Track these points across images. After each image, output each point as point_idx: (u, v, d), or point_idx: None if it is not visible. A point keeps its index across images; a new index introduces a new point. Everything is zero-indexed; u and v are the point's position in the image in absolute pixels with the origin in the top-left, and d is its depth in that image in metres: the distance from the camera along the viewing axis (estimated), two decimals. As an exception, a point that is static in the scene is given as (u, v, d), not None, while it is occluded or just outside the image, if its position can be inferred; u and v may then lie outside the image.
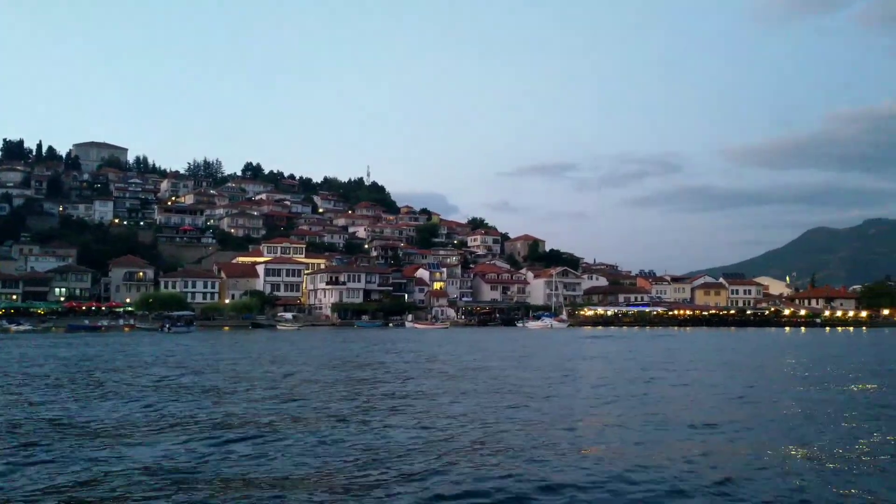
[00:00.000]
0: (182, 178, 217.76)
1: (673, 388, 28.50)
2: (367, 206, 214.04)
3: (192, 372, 34.33)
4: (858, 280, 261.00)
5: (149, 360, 43.40)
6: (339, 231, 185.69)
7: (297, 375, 32.37)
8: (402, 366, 38.48)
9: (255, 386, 27.93)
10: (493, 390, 26.52)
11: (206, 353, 50.32)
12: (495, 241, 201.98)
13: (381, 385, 28.37)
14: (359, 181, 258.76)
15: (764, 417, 20.26)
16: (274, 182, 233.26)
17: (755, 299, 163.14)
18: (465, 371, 35.20)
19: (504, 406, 21.96)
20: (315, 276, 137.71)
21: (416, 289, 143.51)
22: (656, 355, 50.21)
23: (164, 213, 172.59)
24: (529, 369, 36.79)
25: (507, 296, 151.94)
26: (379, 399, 23.76)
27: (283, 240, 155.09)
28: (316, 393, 25.54)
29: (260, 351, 53.14)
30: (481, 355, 47.99)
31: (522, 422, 18.92)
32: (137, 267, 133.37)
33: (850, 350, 61.65)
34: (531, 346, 61.67)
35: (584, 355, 50.36)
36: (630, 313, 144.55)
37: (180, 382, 29.28)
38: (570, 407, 22.38)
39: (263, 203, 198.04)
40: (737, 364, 42.11)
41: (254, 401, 23.25)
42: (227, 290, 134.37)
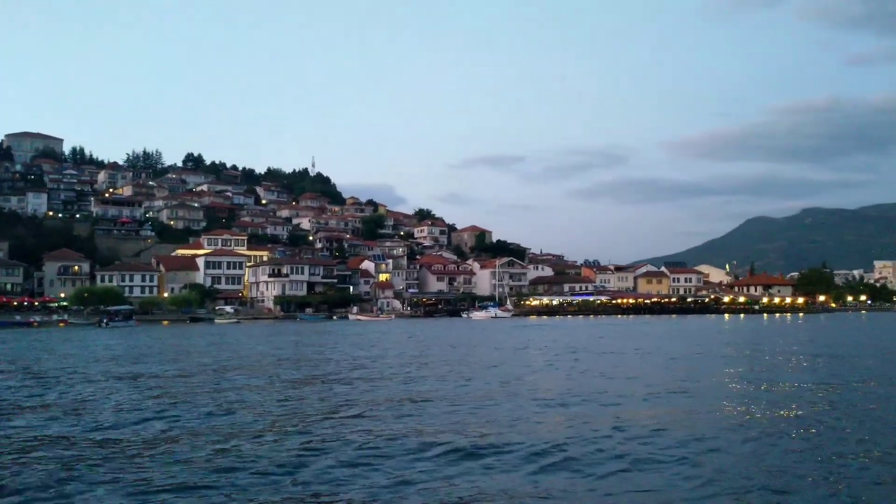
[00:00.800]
0: (120, 169, 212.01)
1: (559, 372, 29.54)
2: (312, 198, 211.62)
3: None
4: (796, 268, 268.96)
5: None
6: (282, 223, 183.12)
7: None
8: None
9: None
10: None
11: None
12: (442, 232, 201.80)
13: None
14: (303, 172, 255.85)
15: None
16: (216, 173, 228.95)
17: (696, 287, 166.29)
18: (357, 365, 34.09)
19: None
20: (257, 268, 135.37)
21: (362, 280, 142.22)
22: (575, 342, 50.88)
23: (102, 206, 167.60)
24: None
25: (453, 287, 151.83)
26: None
27: (225, 232, 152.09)
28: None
29: (160, 347, 51.27)
30: (396, 350, 46.20)
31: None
32: (72, 261, 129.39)
33: (768, 335, 62.92)
34: (462, 337, 61.28)
35: (515, 345, 50.05)
36: (575, 303, 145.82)
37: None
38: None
39: (204, 194, 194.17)
40: (645, 349, 43.16)
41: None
42: (166, 284, 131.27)
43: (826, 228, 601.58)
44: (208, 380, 27.31)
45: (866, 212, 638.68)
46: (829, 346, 46.09)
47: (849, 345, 47.32)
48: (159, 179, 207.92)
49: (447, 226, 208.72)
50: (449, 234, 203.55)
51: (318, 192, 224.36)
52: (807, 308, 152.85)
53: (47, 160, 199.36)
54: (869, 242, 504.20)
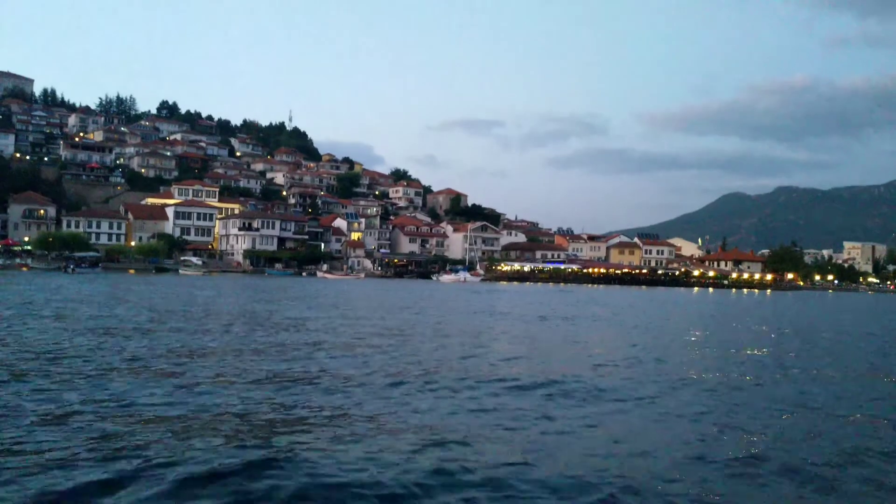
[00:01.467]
0: (92, 113, 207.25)
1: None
2: (288, 152, 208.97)
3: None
4: (768, 245, 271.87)
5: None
6: (256, 176, 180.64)
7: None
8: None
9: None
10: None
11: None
12: (417, 193, 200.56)
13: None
14: (280, 126, 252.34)
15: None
16: (190, 122, 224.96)
17: (667, 260, 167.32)
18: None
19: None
20: (228, 220, 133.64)
21: (334, 238, 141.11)
22: (532, 308, 50.36)
23: (71, 150, 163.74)
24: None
25: (425, 249, 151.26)
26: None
27: (196, 182, 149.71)
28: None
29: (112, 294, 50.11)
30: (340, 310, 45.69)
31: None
32: (38, 204, 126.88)
33: (726, 309, 63.23)
34: (422, 299, 60.25)
35: (467, 309, 49.39)
36: (546, 270, 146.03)
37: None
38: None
39: (177, 143, 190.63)
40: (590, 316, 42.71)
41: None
42: (134, 233, 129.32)
43: (798, 208, 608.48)
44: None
45: (838, 193, 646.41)
46: (787, 320, 46.28)
47: (805, 321, 47.59)
48: (132, 126, 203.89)
49: (423, 187, 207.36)
50: (424, 195, 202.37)
51: (295, 147, 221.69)
52: (775, 285, 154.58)
53: (16, 100, 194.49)
54: (839, 223, 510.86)
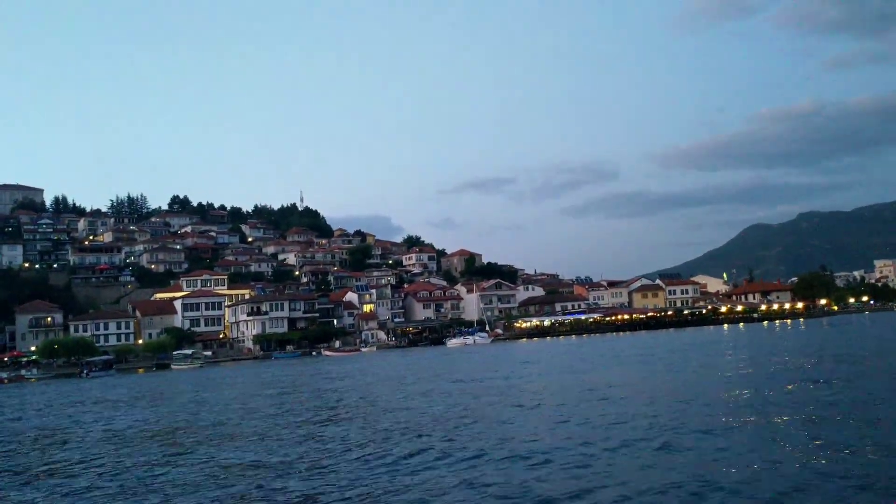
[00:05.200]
0: (101, 215, 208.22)
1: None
2: (299, 232, 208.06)
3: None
4: (796, 273, 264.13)
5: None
6: (267, 259, 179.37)
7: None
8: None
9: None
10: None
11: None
12: (431, 258, 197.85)
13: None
14: (292, 207, 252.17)
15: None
16: (201, 214, 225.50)
17: (693, 299, 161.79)
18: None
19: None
20: (237, 307, 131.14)
21: (346, 313, 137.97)
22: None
23: (79, 254, 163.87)
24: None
25: (440, 313, 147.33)
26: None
27: (205, 272, 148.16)
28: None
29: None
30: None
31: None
32: (45, 312, 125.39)
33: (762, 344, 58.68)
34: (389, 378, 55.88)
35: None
36: (567, 322, 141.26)
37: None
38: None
39: (188, 235, 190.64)
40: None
41: None
42: (143, 330, 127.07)
43: (823, 232, 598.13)
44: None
45: (861, 212, 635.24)
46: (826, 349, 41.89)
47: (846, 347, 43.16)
48: (142, 224, 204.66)
49: (436, 251, 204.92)
50: (438, 259, 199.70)
51: (306, 226, 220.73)
52: (807, 312, 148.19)
53: (26, 211, 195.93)
54: (867, 243, 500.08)
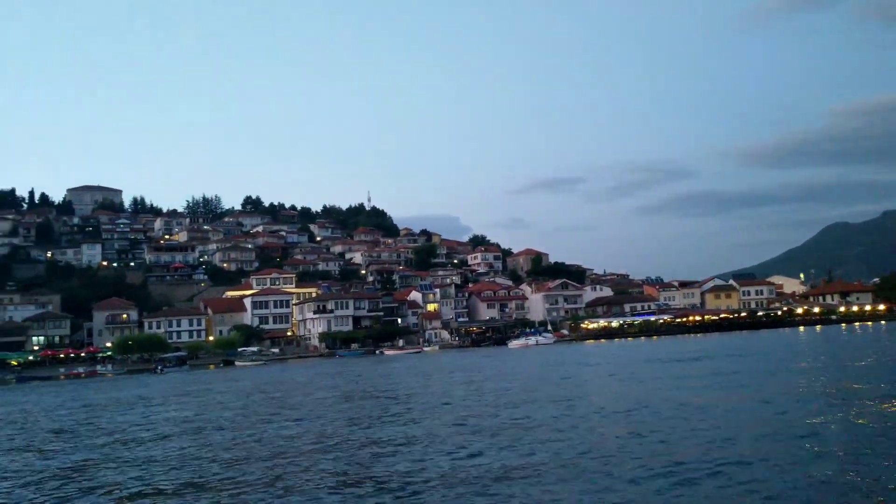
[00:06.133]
0: (176, 215, 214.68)
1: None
2: (366, 232, 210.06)
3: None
4: (879, 274, 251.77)
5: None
6: (335, 258, 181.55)
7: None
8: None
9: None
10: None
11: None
12: (496, 257, 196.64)
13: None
14: (359, 207, 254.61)
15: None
16: (273, 214, 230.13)
17: (768, 300, 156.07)
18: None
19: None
20: (303, 305, 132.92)
21: (410, 312, 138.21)
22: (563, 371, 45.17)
23: (155, 253, 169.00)
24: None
25: (505, 313, 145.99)
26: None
27: (273, 270, 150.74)
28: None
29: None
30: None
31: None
32: (121, 309, 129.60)
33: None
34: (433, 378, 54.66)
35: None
36: (636, 323, 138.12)
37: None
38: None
39: (259, 235, 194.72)
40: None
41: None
42: (214, 327, 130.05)
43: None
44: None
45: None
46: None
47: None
48: (215, 223, 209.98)
49: (501, 251, 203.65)
50: (504, 259, 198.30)
51: (373, 226, 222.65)
52: (890, 314, 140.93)
53: (105, 211, 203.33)
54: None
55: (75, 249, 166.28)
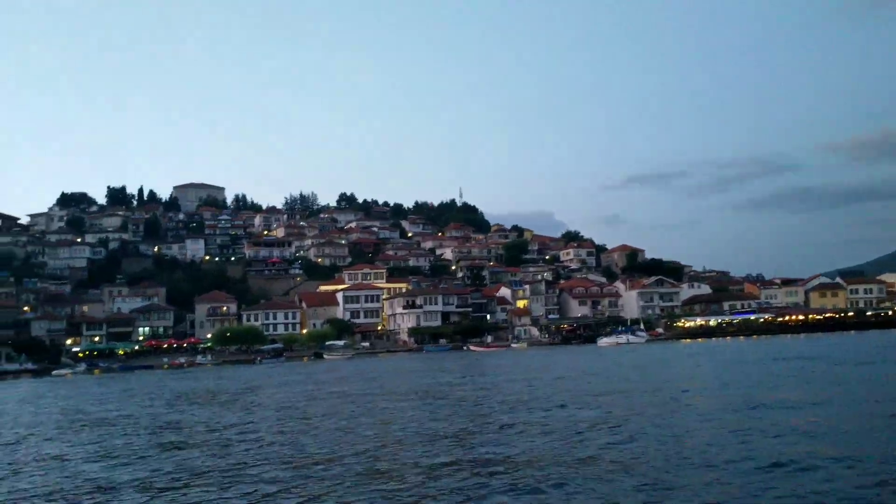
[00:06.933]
0: (275, 212, 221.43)
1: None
2: (456, 228, 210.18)
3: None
4: None
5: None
6: (425, 254, 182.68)
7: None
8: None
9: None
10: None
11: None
12: (590, 253, 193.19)
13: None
14: (451, 203, 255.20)
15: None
16: (366, 210, 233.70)
17: (877, 299, 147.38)
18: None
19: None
20: (393, 300, 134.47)
21: (499, 308, 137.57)
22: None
23: (254, 248, 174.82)
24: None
25: (597, 311, 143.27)
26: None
27: (364, 266, 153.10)
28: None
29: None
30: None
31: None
32: (221, 302, 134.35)
33: None
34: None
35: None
36: (735, 322, 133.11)
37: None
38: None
39: (352, 231, 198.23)
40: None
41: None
42: (308, 320, 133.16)
43: None
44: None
45: None
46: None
47: None
48: (311, 220, 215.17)
49: (595, 247, 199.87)
50: (598, 255, 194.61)
51: (464, 221, 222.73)
52: None
53: (209, 208, 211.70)
54: None
55: (180, 244, 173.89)
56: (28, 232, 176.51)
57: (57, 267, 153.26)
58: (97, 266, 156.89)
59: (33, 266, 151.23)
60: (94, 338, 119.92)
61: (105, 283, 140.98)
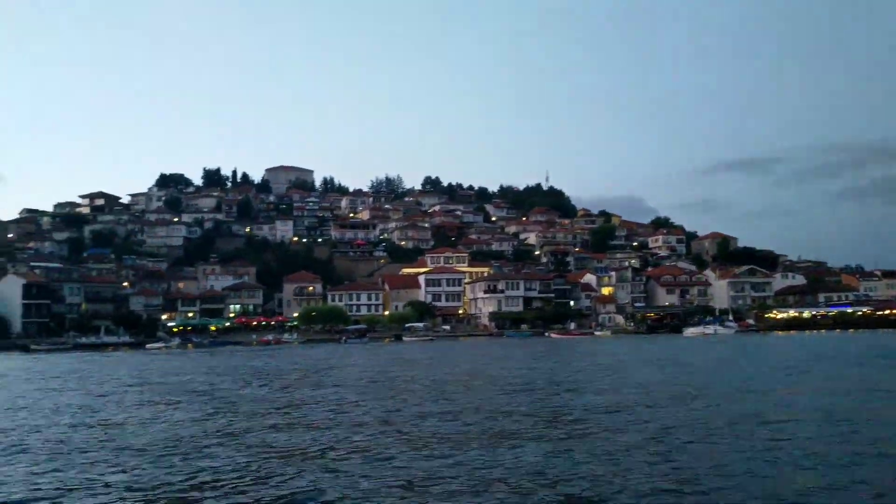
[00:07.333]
0: (361, 195, 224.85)
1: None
2: (541, 212, 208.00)
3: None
4: None
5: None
6: (509, 239, 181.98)
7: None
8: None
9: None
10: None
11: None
12: (679, 240, 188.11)
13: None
14: (536, 187, 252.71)
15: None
16: (450, 194, 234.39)
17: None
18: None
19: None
20: (475, 284, 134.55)
21: (583, 295, 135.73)
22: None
23: (340, 230, 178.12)
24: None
25: (685, 299, 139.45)
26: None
27: (447, 249, 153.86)
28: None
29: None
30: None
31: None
32: (307, 282, 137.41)
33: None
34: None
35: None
36: (830, 314, 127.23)
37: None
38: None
39: (436, 214, 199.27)
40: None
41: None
42: (391, 302, 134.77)
43: None
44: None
45: None
46: None
47: None
48: (396, 203, 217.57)
49: (685, 234, 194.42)
50: (688, 242, 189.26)
51: (549, 206, 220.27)
52: None
53: (298, 191, 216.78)
54: None
55: (270, 225, 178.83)
56: (129, 211, 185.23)
57: (155, 245, 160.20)
58: (192, 245, 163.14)
59: (133, 244, 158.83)
60: (187, 313, 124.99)
61: (199, 262, 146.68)
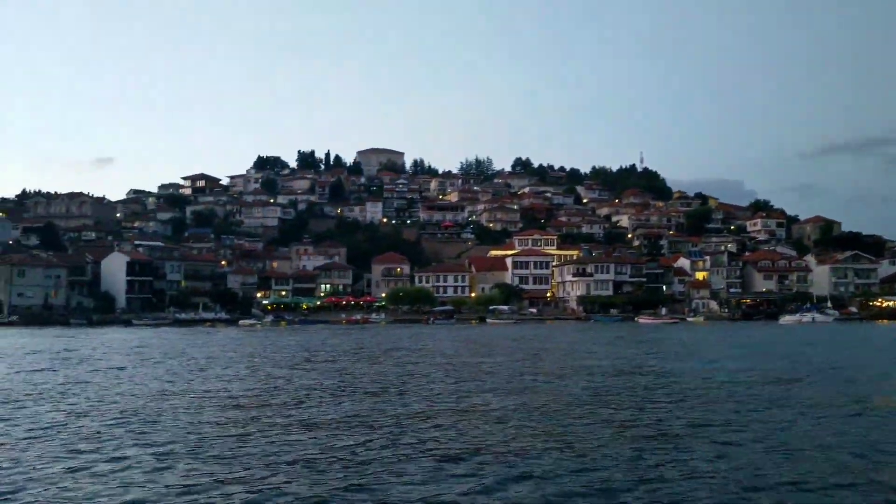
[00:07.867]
0: (450, 177, 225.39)
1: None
2: (635, 194, 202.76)
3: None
4: None
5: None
6: (600, 221, 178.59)
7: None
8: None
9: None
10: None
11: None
12: (779, 224, 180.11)
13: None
14: (630, 169, 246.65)
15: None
16: (541, 175, 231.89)
17: None
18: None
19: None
20: (563, 267, 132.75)
21: (676, 279, 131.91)
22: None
23: (428, 211, 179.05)
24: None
25: (784, 286, 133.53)
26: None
27: (535, 232, 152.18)
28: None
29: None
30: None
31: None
32: (395, 263, 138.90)
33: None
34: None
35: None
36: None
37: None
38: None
39: (525, 196, 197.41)
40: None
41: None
42: (477, 284, 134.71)
43: None
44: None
45: None
46: None
47: None
48: (485, 184, 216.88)
49: (785, 217, 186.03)
50: (788, 226, 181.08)
51: (643, 188, 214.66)
52: None
53: (388, 173, 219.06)
54: None
55: (361, 207, 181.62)
56: (228, 192, 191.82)
57: (251, 225, 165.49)
58: (287, 225, 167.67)
59: (231, 224, 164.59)
60: (281, 292, 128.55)
61: (293, 242, 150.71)
